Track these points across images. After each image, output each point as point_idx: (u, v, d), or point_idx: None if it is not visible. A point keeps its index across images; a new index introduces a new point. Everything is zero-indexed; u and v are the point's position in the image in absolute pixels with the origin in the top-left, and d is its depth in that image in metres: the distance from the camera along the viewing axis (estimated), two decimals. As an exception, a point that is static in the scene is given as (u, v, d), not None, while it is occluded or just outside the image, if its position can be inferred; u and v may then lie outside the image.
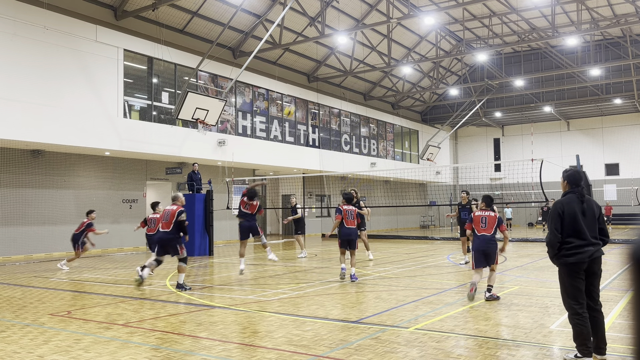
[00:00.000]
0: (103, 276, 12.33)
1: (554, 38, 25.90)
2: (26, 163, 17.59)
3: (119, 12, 19.20)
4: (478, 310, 7.63)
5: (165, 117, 20.30)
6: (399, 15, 24.16)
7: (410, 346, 5.70)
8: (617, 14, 27.27)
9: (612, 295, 8.63)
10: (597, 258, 5.07)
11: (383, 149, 34.41)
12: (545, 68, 34.40)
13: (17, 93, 15.41)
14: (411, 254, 17.24)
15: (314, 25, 23.49)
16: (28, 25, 15.85)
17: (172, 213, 9.69)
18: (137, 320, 7.23)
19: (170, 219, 9.68)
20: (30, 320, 7.34)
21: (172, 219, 9.66)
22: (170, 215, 9.70)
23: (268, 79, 25.10)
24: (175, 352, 5.57)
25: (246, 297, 9.11)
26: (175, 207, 9.82)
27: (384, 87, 33.94)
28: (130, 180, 20.77)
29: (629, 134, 36.18)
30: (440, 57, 28.76)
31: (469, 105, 35.56)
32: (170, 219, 9.67)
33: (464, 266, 13.20)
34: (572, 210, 5.10)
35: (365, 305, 8.34)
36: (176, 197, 10.09)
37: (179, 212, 9.70)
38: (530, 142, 38.55)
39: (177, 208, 9.78)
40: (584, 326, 4.92)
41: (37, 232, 17.72)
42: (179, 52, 20.75)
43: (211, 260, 16.28)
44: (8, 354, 5.58)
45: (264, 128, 24.90)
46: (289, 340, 6.02)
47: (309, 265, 14.28)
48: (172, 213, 9.69)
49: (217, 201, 19.62)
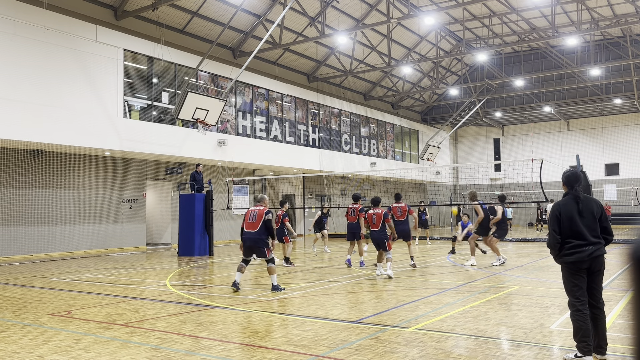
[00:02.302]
0: (103, 276, 12.33)
1: (554, 38, 25.90)
2: (26, 163, 17.59)
3: (119, 12, 19.20)
4: (478, 310, 7.63)
5: (165, 117, 20.30)
6: (399, 15, 24.16)
7: (410, 346, 5.70)
8: (617, 14, 27.27)
9: (613, 295, 8.63)
10: (599, 257, 5.10)
11: (383, 149, 34.41)
12: (545, 68, 34.41)
13: (17, 93, 15.41)
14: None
15: (314, 25, 23.49)
16: (28, 25, 15.84)
17: (259, 214, 9.58)
18: (137, 320, 7.23)
19: (257, 220, 9.54)
20: (30, 320, 7.34)
21: (259, 220, 9.53)
22: (257, 216, 9.58)
23: (268, 79, 25.10)
24: (175, 352, 5.57)
25: (246, 297, 9.11)
26: (262, 207, 9.72)
27: (384, 87, 33.94)
28: (130, 180, 20.77)
29: (629, 134, 36.19)
30: (440, 57, 28.76)
31: (469, 105, 35.57)
32: (258, 220, 9.53)
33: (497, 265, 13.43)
34: (569, 212, 5.17)
35: (365, 305, 8.34)
36: (262, 198, 10.00)
37: (266, 213, 9.58)
38: (530, 142, 38.57)
39: (264, 209, 9.67)
40: (583, 322, 4.96)
41: (37, 232, 17.73)
42: (179, 52, 20.75)
43: (211, 260, 16.27)
44: (8, 354, 5.58)
45: (264, 128, 24.90)
46: (289, 340, 6.02)
47: (309, 265, 14.28)
48: (260, 214, 9.58)
49: (217, 201, 19.63)
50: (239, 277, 9.66)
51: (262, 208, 9.70)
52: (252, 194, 26.30)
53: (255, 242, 9.52)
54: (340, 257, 16.31)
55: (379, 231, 11.44)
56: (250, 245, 9.58)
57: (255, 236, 9.50)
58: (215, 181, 21.54)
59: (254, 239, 9.52)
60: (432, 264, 14.12)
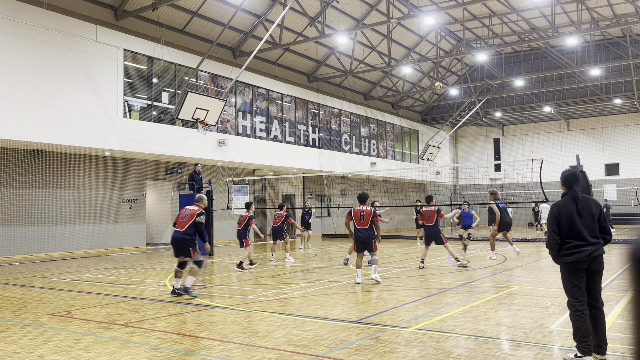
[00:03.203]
0: (103, 276, 12.33)
1: (554, 38, 25.90)
2: (26, 163, 17.59)
3: (119, 12, 19.19)
4: (478, 310, 7.63)
5: (165, 117, 20.29)
6: (399, 15, 24.16)
7: (410, 346, 5.70)
8: (617, 14, 27.27)
9: (613, 295, 8.63)
10: (598, 257, 5.11)
11: (383, 149, 34.41)
12: (545, 68, 34.40)
13: (17, 93, 15.41)
14: (411, 254, 17.24)
15: (314, 25, 23.49)
16: (28, 25, 15.84)
17: (191, 213, 9.32)
18: (137, 320, 7.23)
19: (188, 220, 9.29)
20: (30, 320, 7.34)
21: (190, 219, 9.27)
22: (189, 215, 9.34)
23: (268, 79, 25.10)
24: (175, 352, 5.57)
25: (246, 297, 9.11)
26: (196, 207, 9.44)
27: (384, 87, 33.94)
28: (130, 180, 20.77)
29: (629, 134, 36.18)
30: (440, 57, 28.75)
31: (469, 105, 35.57)
32: (189, 219, 9.29)
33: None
34: (568, 212, 5.17)
35: (365, 305, 8.34)
36: (200, 198, 9.70)
37: (199, 214, 9.30)
38: (530, 142, 38.56)
39: (198, 209, 9.39)
40: (583, 322, 4.96)
41: (37, 232, 17.72)
42: (179, 52, 20.75)
43: (211, 260, 16.28)
44: (8, 354, 5.58)
45: (264, 128, 24.89)
46: (289, 340, 6.02)
47: (309, 265, 14.29)
48: (192, 213, 9.31)
49: (217, 201, 19.63)
50: (177, 284, 9.29)
51: (197, 208, 9.40)
52: (252, 194, 26.31)
53: (181, 241, 9.20)
54: (340, 257, 16.31)
55: (367, 229, 10.45)
56: (177, 245, 9.27)
57: (181, 235, 9.20)
58: (215, 181, 21.54)
59: (179, 238, 9.21)
60: (432, 264, 14.12)
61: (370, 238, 10.45)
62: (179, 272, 9.42)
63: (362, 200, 10.76)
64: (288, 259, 15.34)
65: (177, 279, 9.37)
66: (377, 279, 10.37)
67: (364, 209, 10.56)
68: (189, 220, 9.25)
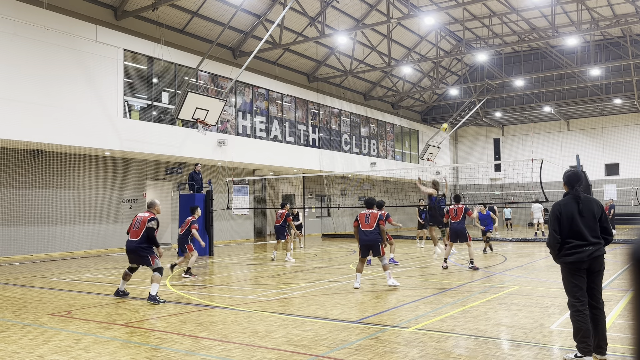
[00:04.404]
0: (103, 276, 12.33)
1: (554, 38, 25.90)
2: (26, 163, 17.59)
3: (119, 12, 19.19)
4: (478, 310, 7.62)
5: (165, 117, 20.30)
6: (399, 15, 24.15)
7: (410, 346, 5.70)
8: (617, 14, 27.26)
9: (613, 295, 8.63)
10: (598, 257, 5.10)
11: (383, 149, 34.41)
12: (545, 68, 34.39)
13: (17, 93, 15.41)
14: (411, 254, 17.24)
15: (314, 25, 23.49)
16: (28, 25, 15.84)
17: (143, 220, 8.94)
18: (137, 320, 7.23)
19: (141, 228, 8.91)
20: (30, 320, 7.34)
21: (142, 227, 8.89)
22: (141, 222, 8.95)
23: (268, 79, 25.10)
24: (175, 352, 5.57)
25: (246, 297, 9.11)
26: (148, 214, 9.04)
27: (384, 87, 33.93)
28: (130, 180, 20.77)
29: (629, 134, 36.18)
30: (440, 57, 28.75)
31: (469, 105, 35.55)
32: (141, 227, 8.90)
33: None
34: (570, 212, 5.16)
35: (365, 305, 8.33)
36: (152, 203, 9.30)
37: (149, 220, 8.90)
38: (530, 142, 38.55)
39: (150, 215, 8.99)
40: (583, 323, 4.96)
41: (37, 232, 17.72)
42: (179, 52, 20.75)
43: (211, 260, 16.28)
44: (8, 354, 5.58)
45: (264, 128, 24.89)
46: (289, 340, 6.02)
47: (309, 265, 14.29)
48: (144, 220, 8.93)
49: (217, 201, 19.62)
50: (122, 285, 9.19)
51: (148, 215, 9.01)
52: (252, 194, 26.31)
53: (136, 251, 8.90)
54: (340, 257, 16.31)
55: (372, 232, 9.96)
56: (132, 255, 8.99)
57: (135, 245, 8.88)
58: (215, 181, 21.53)
59: (134, 248, 8.91)
60: (433, 264, 14.12)
61: (375, 241, 9.93)
62: (127, 275, 9.24)
63: (369, 206, 10.36)
64: (289, 259, 15.35)
65: (123, 280, 9.24)
66: (393, 284, 9.86)
67: (370, 212, 10.24)
68: (142, 228, 8.89)
